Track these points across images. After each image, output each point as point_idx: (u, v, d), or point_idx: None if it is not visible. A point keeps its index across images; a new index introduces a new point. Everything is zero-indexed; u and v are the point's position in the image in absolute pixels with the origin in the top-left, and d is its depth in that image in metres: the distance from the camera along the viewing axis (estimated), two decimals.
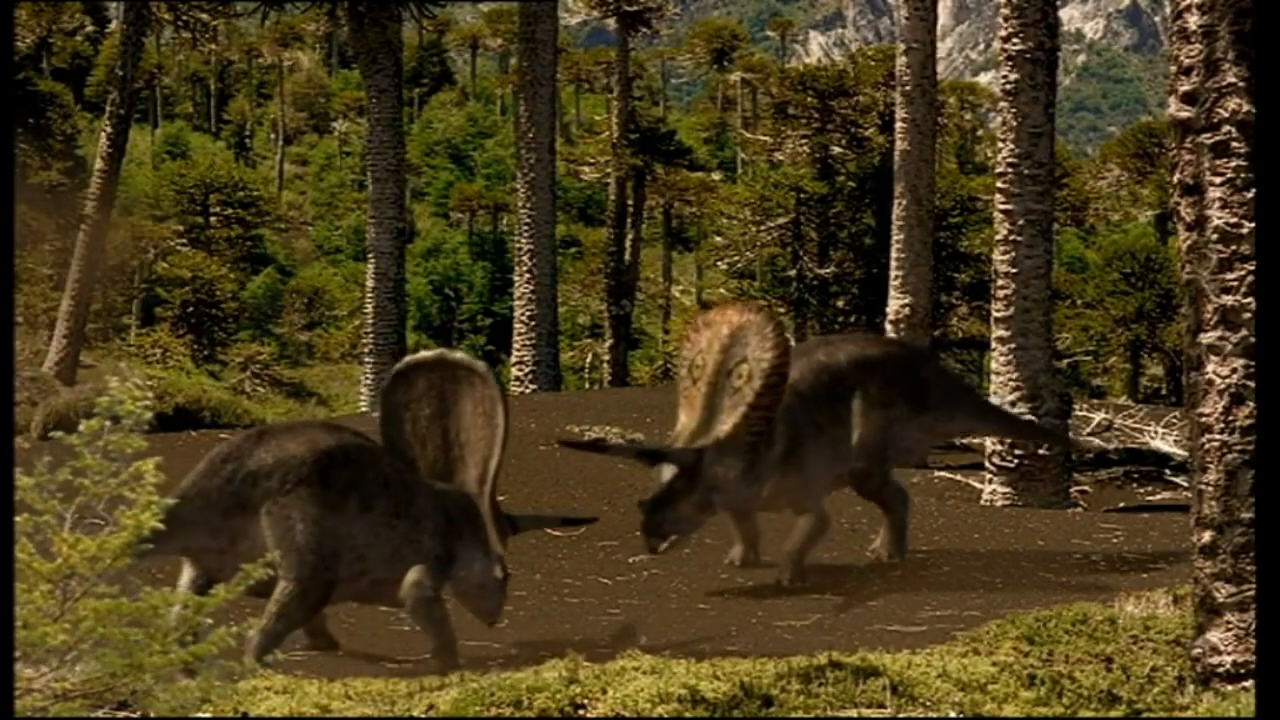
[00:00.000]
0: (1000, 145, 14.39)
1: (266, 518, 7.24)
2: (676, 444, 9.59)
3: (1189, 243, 5.48)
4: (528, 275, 24.61)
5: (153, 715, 4.55)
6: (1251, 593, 5.33)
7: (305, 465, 7.34)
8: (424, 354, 8.15)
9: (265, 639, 7.05)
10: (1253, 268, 5.33)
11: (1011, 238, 13.95)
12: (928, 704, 5.28)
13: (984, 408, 11.61)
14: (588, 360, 43.38)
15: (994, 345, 14.21)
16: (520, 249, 24.99)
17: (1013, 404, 13.71)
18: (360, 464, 7.49)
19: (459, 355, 8.13)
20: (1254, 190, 5.34)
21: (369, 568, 7.45)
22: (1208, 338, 5.43)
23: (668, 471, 9.54)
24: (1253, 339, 5.34)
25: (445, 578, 7.64)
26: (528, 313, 24.54)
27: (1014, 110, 13.97)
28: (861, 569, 10.41)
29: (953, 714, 5.23)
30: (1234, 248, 5.37)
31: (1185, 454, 14.29)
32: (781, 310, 34.83)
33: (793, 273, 34.23)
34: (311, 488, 7.31)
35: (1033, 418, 13.57)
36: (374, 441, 7.73)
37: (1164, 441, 16.28)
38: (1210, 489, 5.42)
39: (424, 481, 7.71)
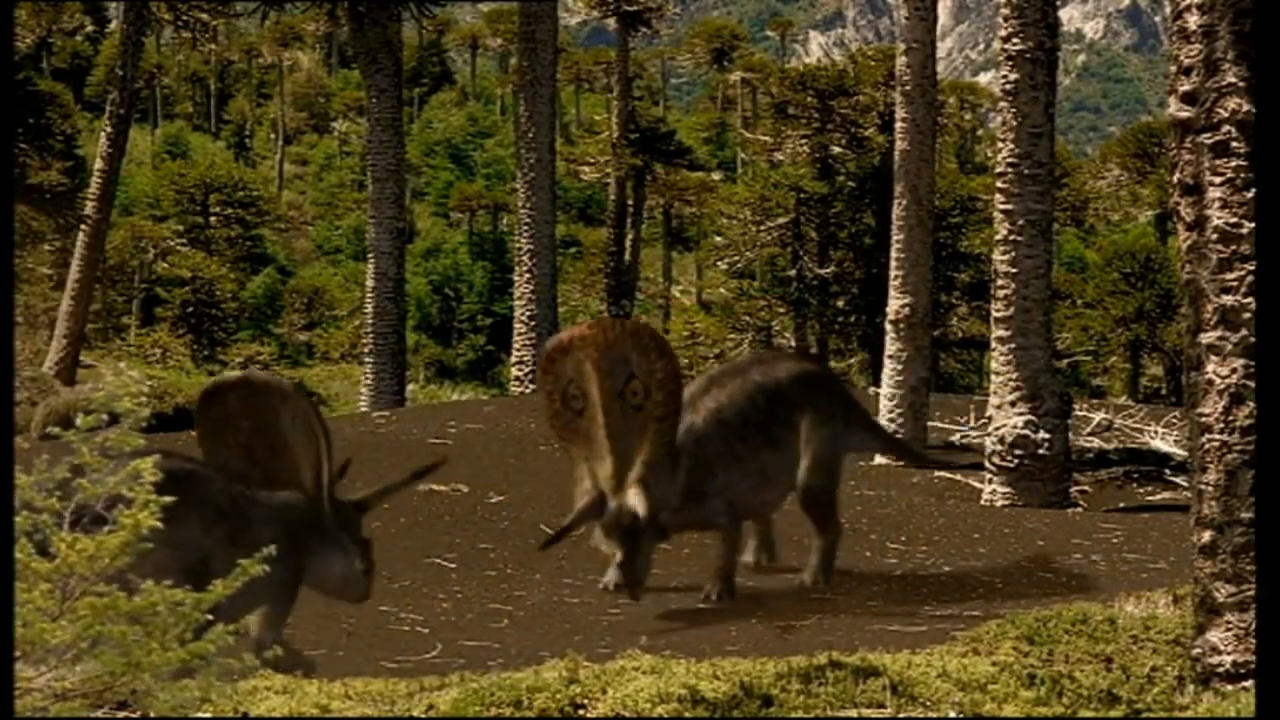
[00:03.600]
0: (1000, 145, 14.38)
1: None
2: (604, 487, 9.15)
3: (1189, 243, 5.47)
4: (528, 275, 24.59)
5: (153, 715, 4.55)
6: (1251, 593, 5.33)
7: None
8: (229, 375, 8.17)
9: None
10: (1253, 268, 5.33)
11: (1011, 238, 13.95)
12: (928, 704, 5.28)
13: (872, 425, 11.21)
14: None
15: (994, 345, 14.20)
16: (520, 249, 24.97)
17: (1013, 404, 13.73)
18: (193, 486, 7.22)
19: (262, 374, 8.13)
20: (1254, 190, 5.34)
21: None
22: (1208, 338, 5.42)
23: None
24: (1253, 339, 5.33)
25: (292, 598, 7.48)
26: (528, 313, 24.52)
27: (1014, 110, 13.97)
28: (861, 569, 10.41)
29: (953, 714, 5.23)
30: (1234, 248, 5.37)
31: (1185, 454, 14.29)
32: (782, 310, 34.89)
33: (793, 273, 34.26)
34: None
35: (899, 436, 13.83)
36: (204, 466, 7.56)
37: (1164, 441, 16.28)
38: (1210, 489, 5.41)
39: (258, 500, 7.49)
